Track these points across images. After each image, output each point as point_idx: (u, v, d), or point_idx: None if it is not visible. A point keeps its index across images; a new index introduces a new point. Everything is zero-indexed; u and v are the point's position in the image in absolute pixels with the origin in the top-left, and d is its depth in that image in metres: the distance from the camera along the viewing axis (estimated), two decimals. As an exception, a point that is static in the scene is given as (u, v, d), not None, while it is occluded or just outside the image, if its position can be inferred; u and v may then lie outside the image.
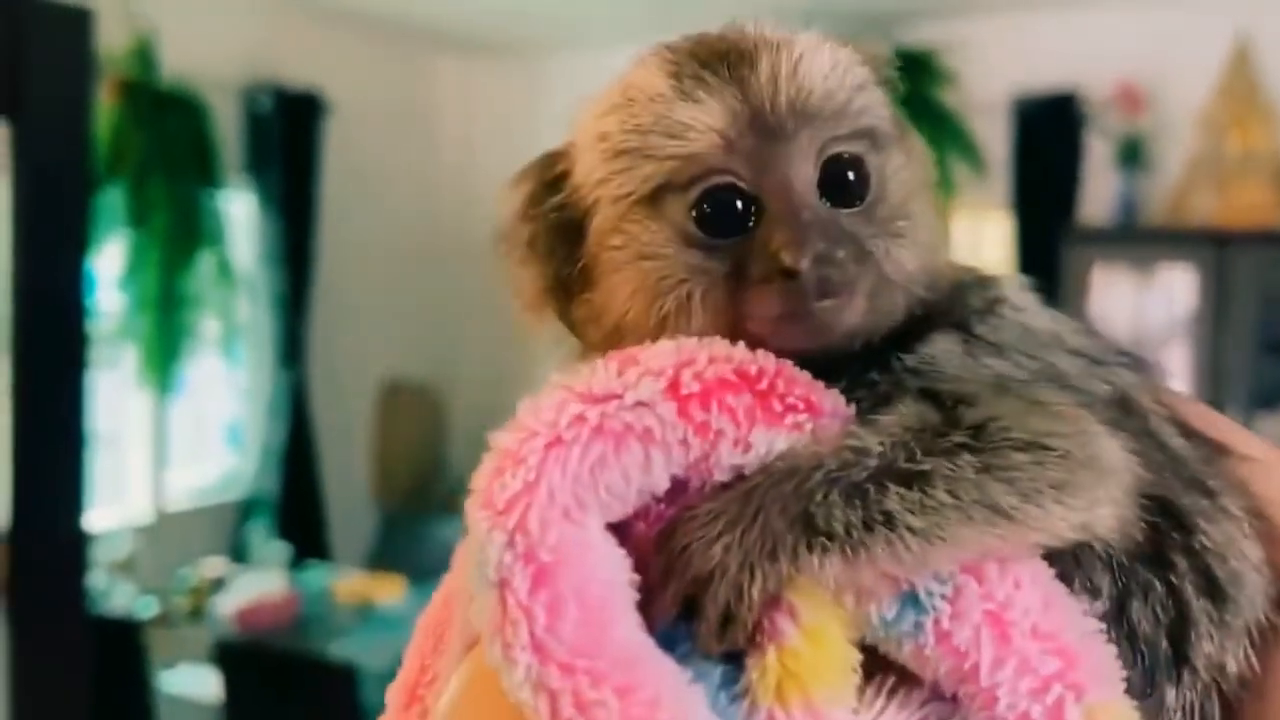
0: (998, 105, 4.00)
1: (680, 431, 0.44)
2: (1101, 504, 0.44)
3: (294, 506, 4.30)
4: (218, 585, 3.58)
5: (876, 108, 0.50)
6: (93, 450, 2.71)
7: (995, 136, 4.02)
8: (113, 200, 3.67)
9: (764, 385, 0.45)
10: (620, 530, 0.45)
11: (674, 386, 0.44)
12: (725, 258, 0.48)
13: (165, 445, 4.07)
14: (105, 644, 3.11)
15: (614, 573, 0.43)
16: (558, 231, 0.52)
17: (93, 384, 2.62)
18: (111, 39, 3.45)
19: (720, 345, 0.46)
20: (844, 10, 4.05)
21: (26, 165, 2.30)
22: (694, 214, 0.48)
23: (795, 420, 0.45)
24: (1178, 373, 3.55)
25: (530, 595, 0.41)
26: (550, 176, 0.54)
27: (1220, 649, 0.45)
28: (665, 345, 0.46)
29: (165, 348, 3.84)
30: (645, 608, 0.43)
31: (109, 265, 3.70)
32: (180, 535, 4.03)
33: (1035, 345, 0.51)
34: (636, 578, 0.43)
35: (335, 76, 4.45)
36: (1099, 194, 3.91)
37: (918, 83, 4.10)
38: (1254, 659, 0.46)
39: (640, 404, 0.44)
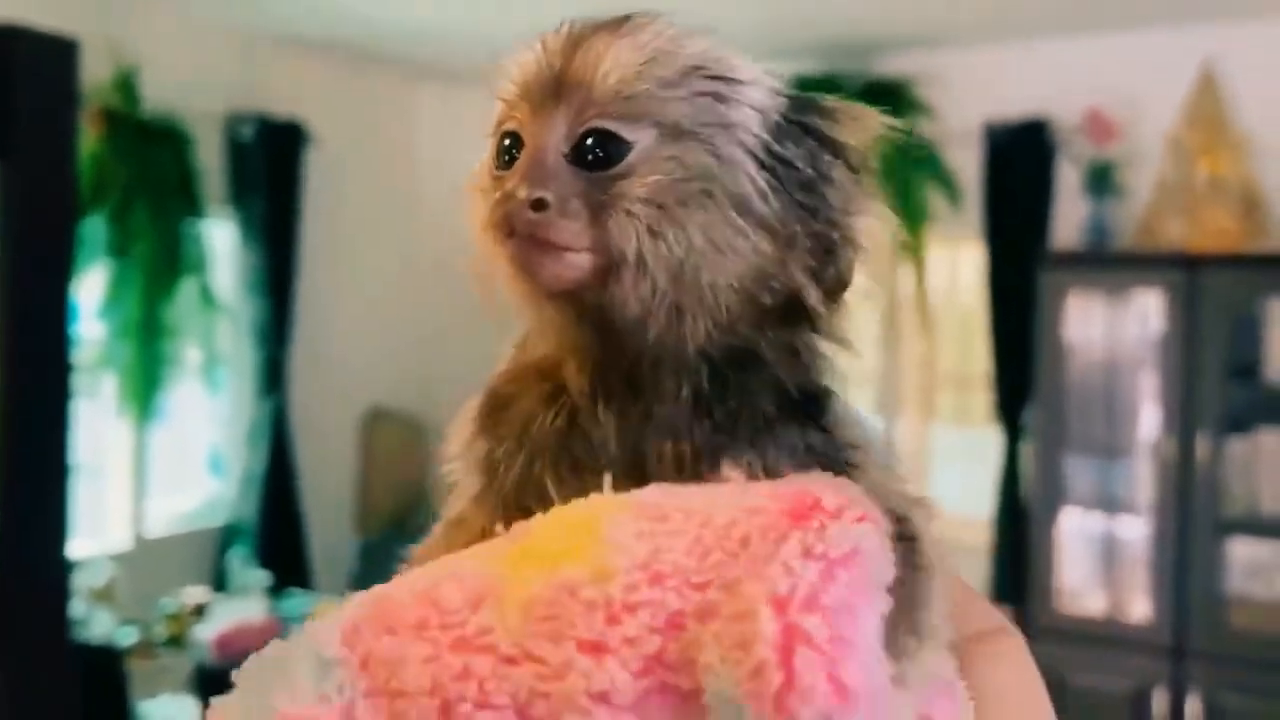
0: (970, 134, 4.07)
1: None
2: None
3: (275, 534, 4.30)
4: (198, 613, 3.57)
5: (677, 103, 0.52)
6: (76, 479, 2.72)
7: (967, 165, 4.08)
8: (94, 229, 3.69)
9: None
10: None
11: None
12: (499, 187, 0.55)
13: (145, 473, 4.07)
14: (85, 672, 3.09)
15: None
16: None
17: (75, 413, 2.63)
18: (95, 69, 3.47)
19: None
20: (821, 42, 4.12)
21: (11, 195, 2.31)
22: (496, 149, 0.58)
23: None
24: (1149, 397, 3.60)
25: None
26: None
27: None
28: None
29: (146, 376, 3.85)
30: None
31: (90, 294, 3.71)
32: (160, 563, 4.02)
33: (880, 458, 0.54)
34: None
35: (317, 106, 4.48)
36: (1070, 220, 3.97)
37: (893, 113, 4.16)
38: None
39: None
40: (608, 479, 0.50)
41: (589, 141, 0.52)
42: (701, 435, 0.52)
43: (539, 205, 0.52)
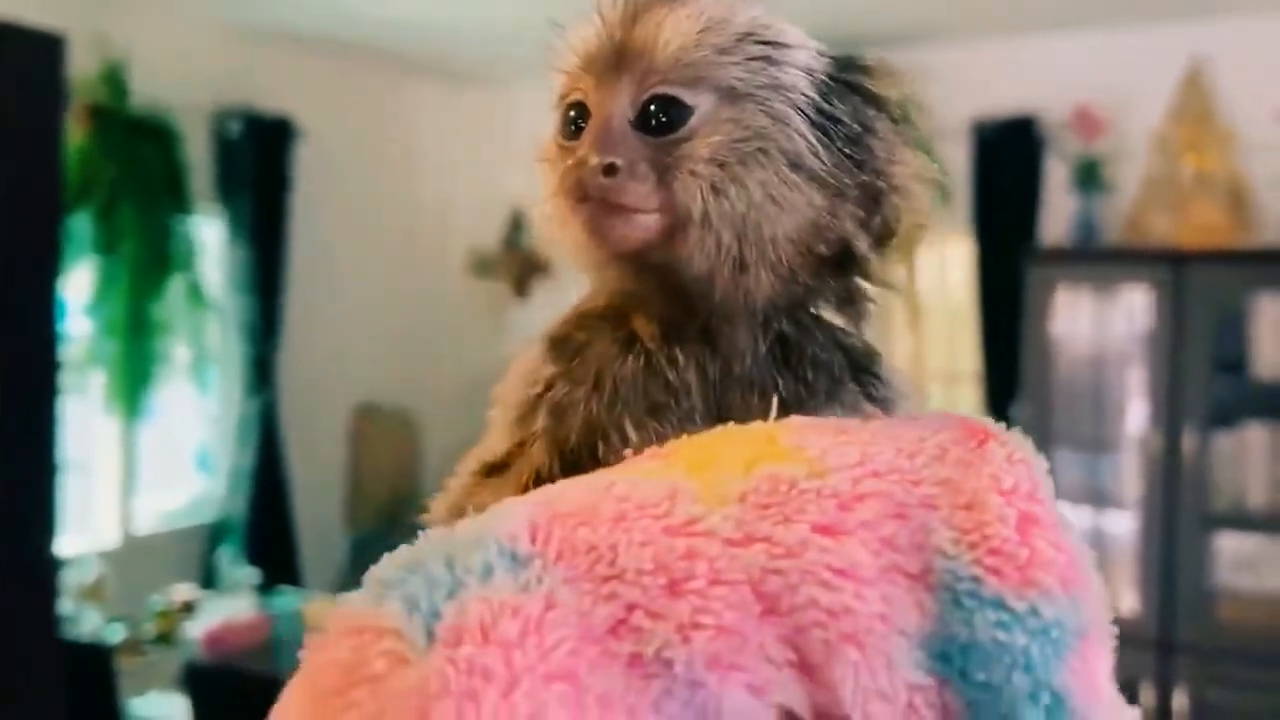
0: (959, 130, 4.08)
1: None
2: None
3: (265, 531, 4.29)
4: (187, 610, 3.56)
5: (732, 68, 0.55)
6: (64, 476, 2.71)
7: (956, 161, 4.09)
8: (82, 226, 3.67)
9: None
10: None
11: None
12: (568, 155, 0.57)
13: (134, 471, 4.06)
14: (74, 670, 3.08)
15: None
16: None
17: (63, 410, 2.62)
18: (82, 65, 3.46)
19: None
20: (811, 38, 4.12)
21: (-3, 192, 2.31)
22: (561, 118, 0.59)
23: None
24: (1137, 392, 3.62)
25: None
26: None
27: None
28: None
29: (134, 373, 3.84)
30: None
31: (77, 291, 3.70)
32: (149, 560, 4.01)
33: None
34: None
35: (307, 102, 4.47)
36: (1058, 216, 3.98)
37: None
38: None
39: None
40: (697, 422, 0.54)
41: (653, 108, 0.55)
42: (786, 388, 0.56)
43: (610, 170, 0.54)
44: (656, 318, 0.57)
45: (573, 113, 0.58)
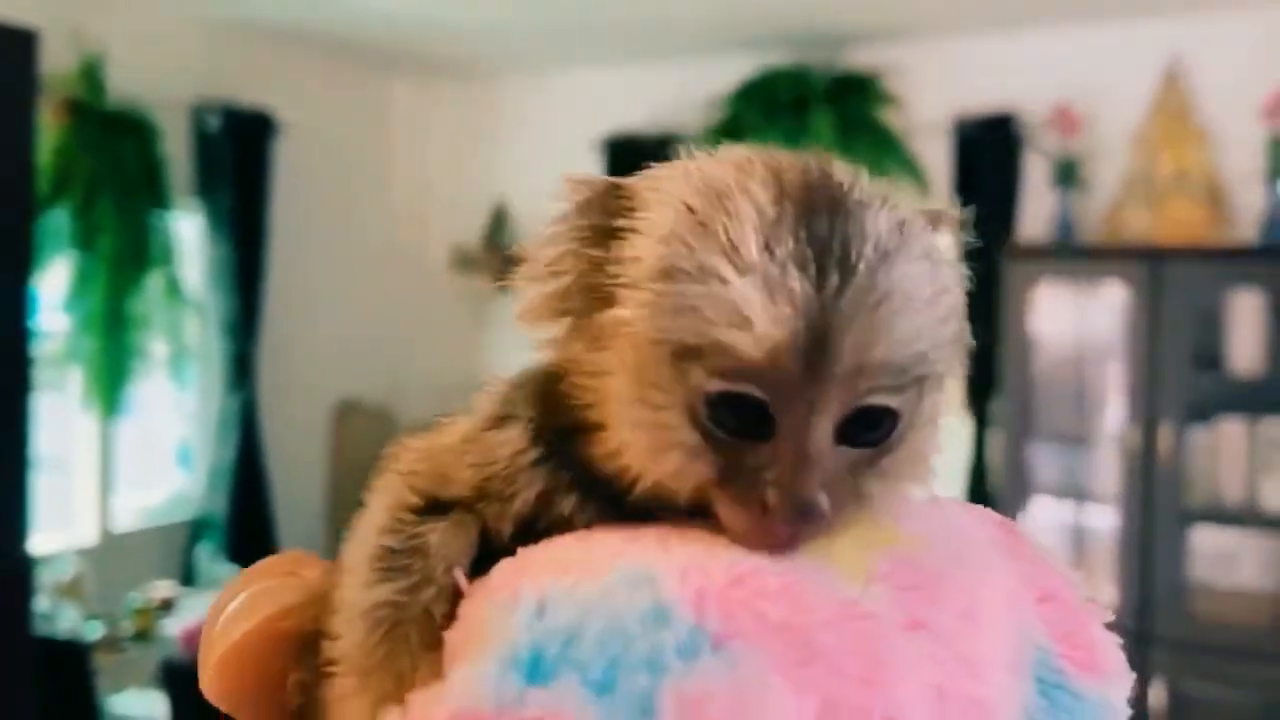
0: (939, 127, 4.09)
1: None
2: None
3: (244, 528, 4.28)
4: (166, 608, 3.55)
5: (943, 345, 0.46)
6: (37, 473, 2.69)
7: (936, 157, 4.11)
8: (59, 221, 3.65)
9: None
10: None
11: None
12: (719, 452, 0.44)
13: (112, 468, 4.04)
14: (51, 667, 3.07)
15: None
16: (582, 284, 0.46)
17: (38, 406, 2.61)
18: (58, 59, 3.44)
19: None
20: (789, 34, 4.13)
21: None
22: (708, 399, 0.44)
23: None
24: (1115, 387, 3.64)
25: None
26: (601, 224, 0.46)
27: None
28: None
29: (112, 369, 3.82)
30: None
31: (55, 287, 3.68)
32: (128, 558, 3.99)
33: None
34: None
35: (286, 97, 4.45)
36: (1037, 213, 4.00)
37: (862, 105, 4.18)
38: None
39: None
40: None
41: (862, 419, 0.44)
42: None
43: (809, 504, 0.43)
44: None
45: (731, 405, 0.44)
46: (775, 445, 0.43)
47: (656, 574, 0.39)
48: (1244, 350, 3.46)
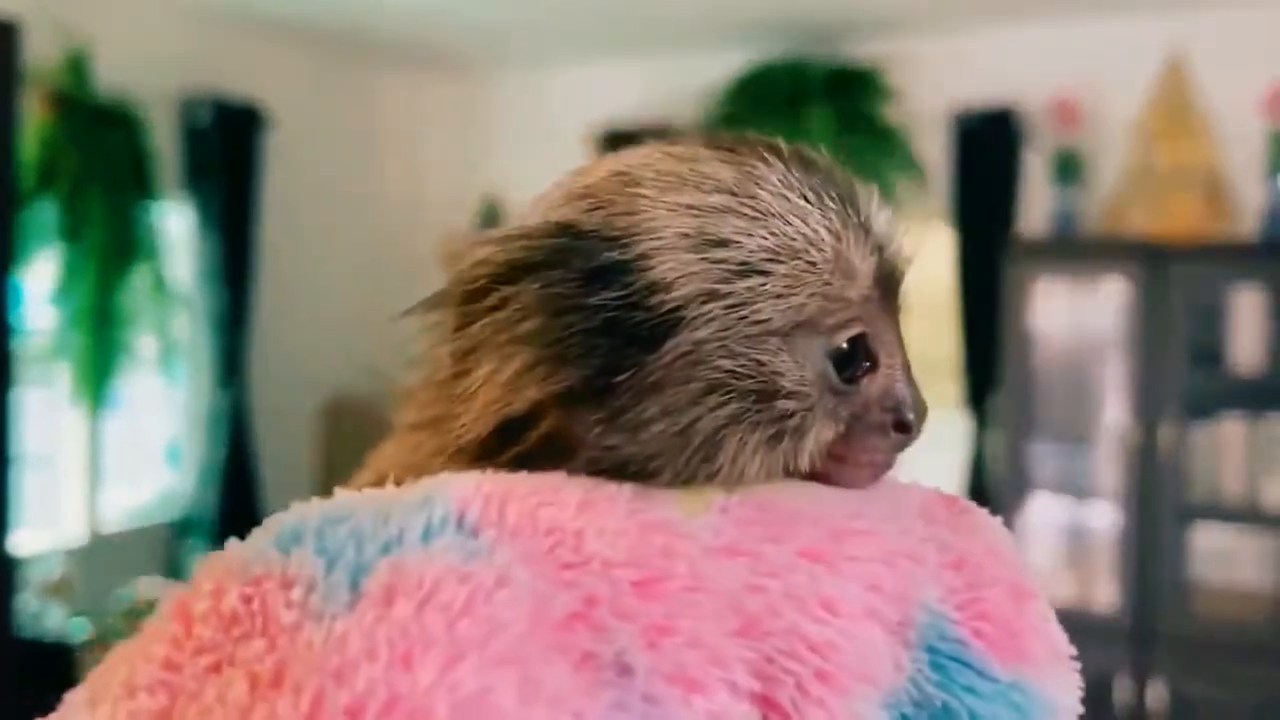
0: (938, 120, 4.05)
1: None
2: None
3: (234, 527, 4.20)
4: (154, 606, 3.51)
5: None
6: (21, 471, 2.64)
7: (935, 151, 4.07)
8: (45, 214, 3.60)
9: None
10: None
11: None
12: (848, 403, 0.47)
13: (100, 465, 3.99)
14: (38, 667, 3.03)
15: None
16: (605, 332, 0.44)
17: (23, 403, 2.56)
18: (44, 51, 3.39)
19: None
20: (787, 26, 4.09)
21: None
22: (832, 358, 0.47)
23: None
24: (1115, 384, 3.60)
25: None
26: (595, 265, 0.45)
27: None
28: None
29: (99, 365, 3.77)
30: None
31: (41, 281, 3.63)
32: (116, 556, 3.94)
33: None
34: None
35: (276, 89, 4.40)
36: (1037, 207, 3.97)
37: (860, 99, 4.14)
38: None
39: None
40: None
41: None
42: None
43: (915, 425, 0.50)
44: None
45: (848, 346, 0.48)
46: (883, 373, 0.48)
47: (463, 478, 0.43)
48: (1245, 347, 3.44)
